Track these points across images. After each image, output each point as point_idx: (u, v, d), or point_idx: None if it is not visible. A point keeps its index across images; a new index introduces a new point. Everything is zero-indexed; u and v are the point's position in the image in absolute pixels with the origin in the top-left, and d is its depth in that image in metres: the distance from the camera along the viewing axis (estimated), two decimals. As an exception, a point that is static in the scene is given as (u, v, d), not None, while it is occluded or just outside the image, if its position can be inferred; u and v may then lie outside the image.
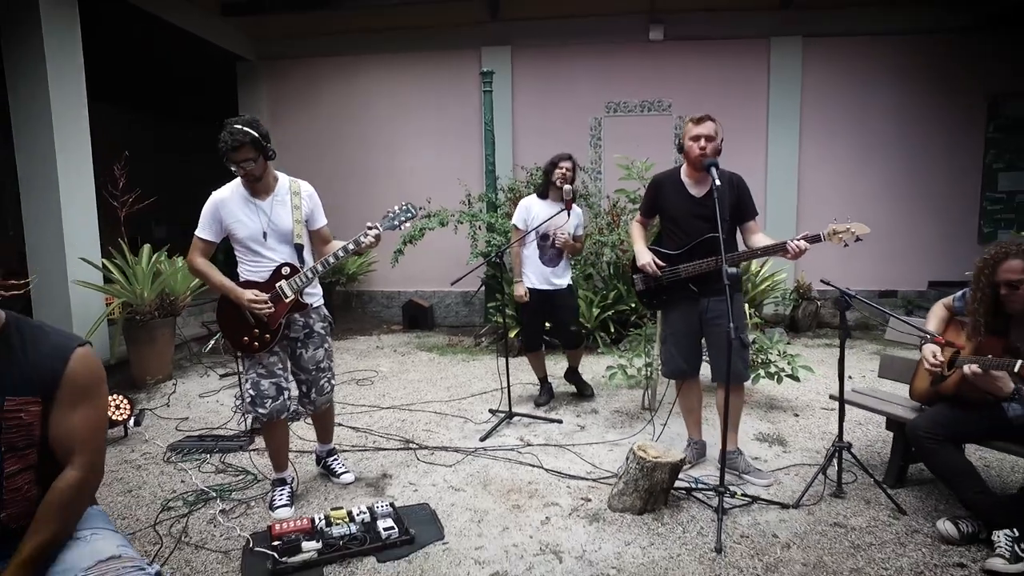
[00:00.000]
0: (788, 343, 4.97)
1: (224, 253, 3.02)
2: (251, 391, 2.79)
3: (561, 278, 4.18)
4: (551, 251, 4.13)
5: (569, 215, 4.03)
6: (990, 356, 2.38)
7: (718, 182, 2.79)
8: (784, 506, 2.77)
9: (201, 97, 9.68)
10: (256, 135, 2.59)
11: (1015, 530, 2.25)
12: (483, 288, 6.60)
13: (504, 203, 6.71)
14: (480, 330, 6.80)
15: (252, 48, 7.71)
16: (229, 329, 2.76)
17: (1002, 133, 6.96)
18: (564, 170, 4.02)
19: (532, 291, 4.14)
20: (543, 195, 4.18)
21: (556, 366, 5.01)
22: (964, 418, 2.52)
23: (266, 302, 2.65)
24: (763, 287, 6.31)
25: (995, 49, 6.90)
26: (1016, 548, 2.21)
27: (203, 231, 2.74)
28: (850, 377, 4.83)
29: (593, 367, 5.06)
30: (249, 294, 2.66)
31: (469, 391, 4.77)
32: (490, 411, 4.18)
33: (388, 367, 5.62)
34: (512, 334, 5.65)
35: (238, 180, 2.75)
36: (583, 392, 4.50)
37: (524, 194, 6.07)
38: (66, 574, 1.39)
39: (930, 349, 2.64)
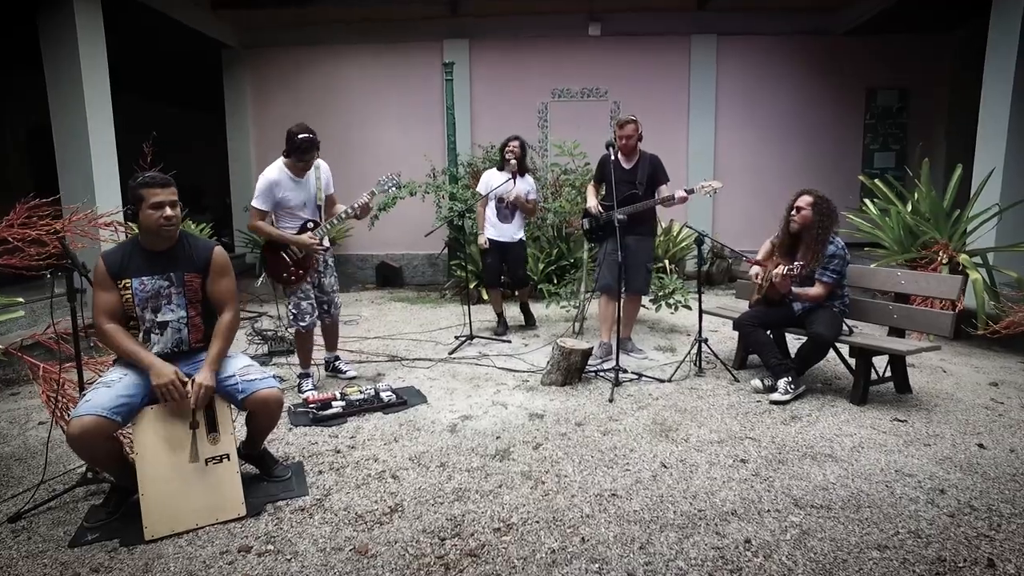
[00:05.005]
0: (702, 292, 6.30)
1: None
2: (294, 310, 3.87)
3: (514, 233, 5.37)
4: (505, 211, 5.32)
5: (516, 183, 5.21)
6: (779, 267, 3.67)
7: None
8: (660, 380, 4.04)
9: (187, 83, 10.34)
10: None
11: (789, 377, 3.57)
12: (446, 250, 7.73)
13: (464, 176, 7.81)
14: (444, 284, 7.95)
15: (237, 37, 8.55)
16: (274, 270, 3.82)
17: (876, 119, 8.43)
18: (511, 149, 5.20)
19: (492, 241, 5.33)
20: (500, 168, 5.35)
21: (511, 312, 6.20)
22: (769, 312, 3.84)
23: (320, 243, 3.75)
24: (683, 245, 7.64)
25: (873, 49, 8.33)
26: (788, 387, 3.54)
27: (260, 202, 3.69)
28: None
29: (539, 312, 6.27)
30: (307, 238, 3.72)
31: (438, 326, 5.95)
32: (455, 337, 5.35)
33: (369, 313, 6.73)
34: (471, 285, 6.81)
35: (280, 163, 3.70)
36: (529, 323, 5.74)
37: (481, 168, 7.22)
38: (227, 370, 2.50)
39: (755, 270, 3.93)
